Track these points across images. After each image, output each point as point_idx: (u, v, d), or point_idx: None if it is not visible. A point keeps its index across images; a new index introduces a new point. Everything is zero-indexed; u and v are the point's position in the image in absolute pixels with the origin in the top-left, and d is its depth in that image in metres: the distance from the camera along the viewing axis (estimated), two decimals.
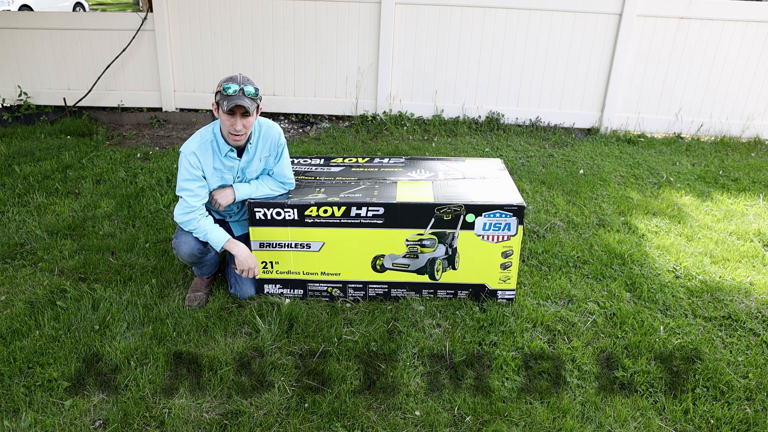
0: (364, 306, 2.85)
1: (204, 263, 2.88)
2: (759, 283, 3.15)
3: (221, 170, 2.75)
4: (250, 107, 2.52)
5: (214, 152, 2.71)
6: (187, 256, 2.77)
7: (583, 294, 2.99)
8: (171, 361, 2.43)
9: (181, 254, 2.77)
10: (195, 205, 2.69)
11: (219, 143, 2.69)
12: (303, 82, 5.98)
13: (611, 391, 2.33)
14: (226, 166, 2.75)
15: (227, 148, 2.69)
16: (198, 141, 2.69)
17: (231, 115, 2.55)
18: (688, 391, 2.34)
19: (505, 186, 2.90)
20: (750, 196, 4.38)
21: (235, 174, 2.80)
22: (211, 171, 2.73)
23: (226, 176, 2.78)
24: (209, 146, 2.70)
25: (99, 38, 5.80)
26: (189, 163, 2.65)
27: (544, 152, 5.29)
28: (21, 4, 12.69)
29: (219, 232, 2.74)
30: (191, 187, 2.68)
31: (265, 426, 2.13)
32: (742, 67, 5.68)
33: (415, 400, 2.26)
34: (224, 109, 2.51)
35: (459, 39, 5.75)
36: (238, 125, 2.57)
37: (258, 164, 2.82)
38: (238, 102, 2.49)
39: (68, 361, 2.41)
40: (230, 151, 2.71)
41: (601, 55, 5.71)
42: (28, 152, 4.88)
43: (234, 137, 2.63)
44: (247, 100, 2.51)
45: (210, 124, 2.74)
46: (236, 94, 2.50)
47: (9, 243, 3.37)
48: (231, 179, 2.80)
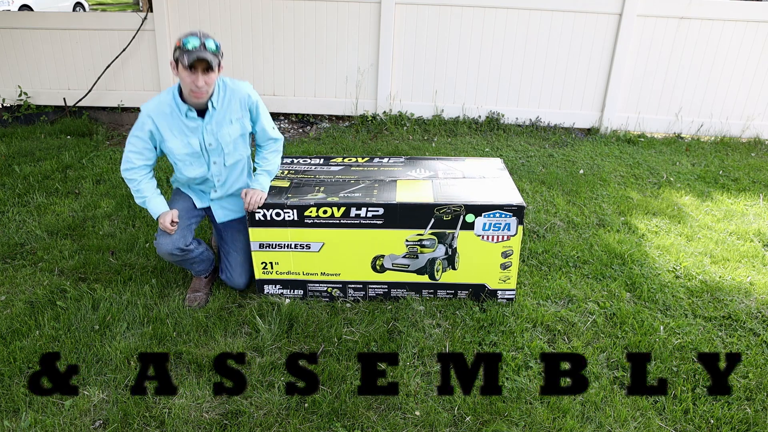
0: (364, 306, 2.85)
1: (192, 261, 2.79)
2: (759, 283, 3.15)
3: (184, 133, 2.61)
4: (213, 61, 2.42)
5: (173, 114, 2.58)
6: (167, 255, 2.67)
7: (583, 294, 2.99)
8: (171, 361, 2.44)
9: (162, 254, 2.68)
10: (135, 164, 2.64)
11: (178, 103, 2.56)
12: (303, 82, 5.98)
13: (611, 391, 2.33)
14: (189, 127, 2.61)
15: (185, 107, 2.56)
16: (156, 102, 2.58)
17: (192, 71, 2.41)
18: (688, 391, 2.34)
19: (505, 186, 2.90)
20: (750, 196, 4.38)
21: (201, 138, 2.64)
22: (172, 134, 2.60)
23: (192, 141, 2.64)
24: (167, 107, 2.57)
25: (99, 38, 5.80)
26: (141, 123, 2.59)
27: (544, 152, 5.29)
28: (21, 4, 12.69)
29: (156, 203, 2.67)
30: (136, 144, 2.61)
31: (265, 426, 2.13)
32: (742, 67, 5.68)
33: (415, 400, 2.27)
34: (185, 63, 2.38)
35: (459, 39, 5.75)
36: (200, 81, 2.43)
37: (231, 127, 2.68)
38: (199, 55, 2.36)
39: (68, 361, 2.41)
40: (189, 110, 2.57)
41: (601, 55, 5.71)
42: (28, 152, 4.88)
43: (195, 94, 2.49)
44: (209, 54, 2.40)
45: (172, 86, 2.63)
46: (197, 49, 2.38)
47: (9, 243, 3.37)
48: (198, 144, 2.65)
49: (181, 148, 2.64)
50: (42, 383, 2.28)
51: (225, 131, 2.68)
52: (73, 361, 2.41)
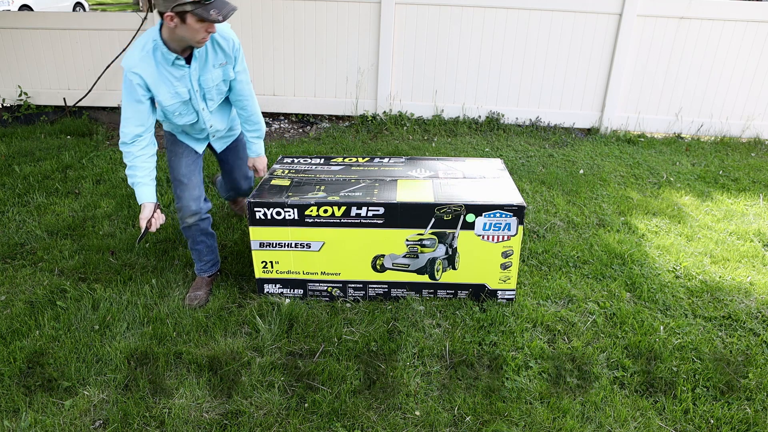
0: (364, 306, 2.85)
1: (205, 233, 2.85)
2: (759, 283, 3.15)
3: (171, 83, 2.47)
4: None
5: (158, 63, 2.42)
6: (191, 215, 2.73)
7: (583, 294, 2.99)
8: (171, 361, 2.44)
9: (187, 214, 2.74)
10: (134, 131, 2.46)
11: (163, 52, 2.39)
12: (303, 82, 5.99)
13: (611, 391, 2.33)
14: (175, 76, 2.47)
15: (173, 56, 2.40)
16: (139, 53, 2.38)
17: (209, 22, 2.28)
18: (688, 391, 2.34)
19: (505, 186, 2.90)
20: (750, 196, 4.38)
21: (190, 86, 2.53)
22: (159, 85, 2.45)
23: (180, 90, 2.51)
24: (152, 57, 2.40)
25: (99, 38, 5.80)
26: (129, 83, 2.39)
27: (544, 152, 5.29)
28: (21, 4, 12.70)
29: (144, 191, 2.52)
30: (132, 110, 2.44)
31: (265, 426, 2.13)
32: (742, 67, 5.68)
33: (415, 400, 2.27)
34: (212, 17, 2.23)
35: (459, 39, 5.75)
36: (213, 28, 2.33)
37: (214, 72, 2.57)
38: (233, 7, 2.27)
39: (68, 361, 2.41)
40: (177, 59, 2.42)
41: (601, 55, 5.71)
42: (28, 152, 4.88)
43: (202, 42, 2.37)
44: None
45: (146, 32, 2.44)
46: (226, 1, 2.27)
47: (9, 243, 3.37)
48: (186, 93, 2.53)
49: (169, 98, 2.51)
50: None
51: (209, 77, 2.57)
52: (73, 361, 2.41)
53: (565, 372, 2.43)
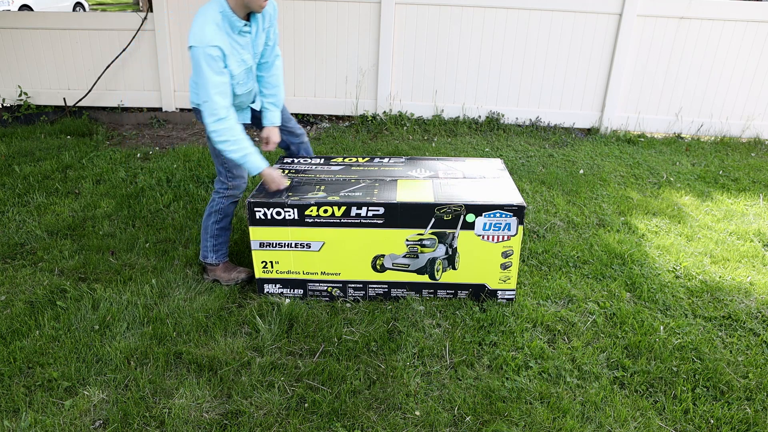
0: (364, 306, 2.85)
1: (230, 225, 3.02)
2: (759, 283, 3.15)
3: (238, 51, 2.49)
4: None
5: (228, 34, 2.43)
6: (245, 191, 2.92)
7: (583, 294, 2.99)
8: (171, 361, 2.44)
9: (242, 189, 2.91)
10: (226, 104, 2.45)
11: (232, 21, 2.42)
12: (303, 82, 5.99)
13: (611, 391, 2.33)
14: (240, 44, 2.50)
15: (242, 23, 2.44)
16: (213, 27, 2.37)
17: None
18: (688, 391, 2.34)
19: (505, 186, 2.91)
20: (750, 196, 4.38)
21: (252, 51, 2.56)
22: (232, 54, 2.46)
23: (245, 56, 2.53)
24: (223, 29, 2.41)
25: (99, 38, 5.80)
26: (211, 58, 2.36)
27: (544, 152, 5.29)
28: (21, 4, 12.70)
29: (257, 159, 2.62)
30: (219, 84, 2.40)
31: (265, 426, 2.13)
32: (742, 67, 5.68)
33: (415, 400, 2.27)
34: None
35: (459, 39, 5.75)
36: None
37: (262, 36, 2.61)
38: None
39: (68, 361, 2.41)
40: (244, 25, 2.46)
41: (601, 55, 5.71)
42: (28, 152, 4.88)
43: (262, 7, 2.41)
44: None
45: (205, 6, 2.43)
46: None
47: (9, 243, 3.37)
48: (250, 59, 2.57)
49: (236, 67, 2.50)
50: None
51: (259, 41, 2.62)
52: (73, 361, 2.41)
53: (565, 372, 2.43)
